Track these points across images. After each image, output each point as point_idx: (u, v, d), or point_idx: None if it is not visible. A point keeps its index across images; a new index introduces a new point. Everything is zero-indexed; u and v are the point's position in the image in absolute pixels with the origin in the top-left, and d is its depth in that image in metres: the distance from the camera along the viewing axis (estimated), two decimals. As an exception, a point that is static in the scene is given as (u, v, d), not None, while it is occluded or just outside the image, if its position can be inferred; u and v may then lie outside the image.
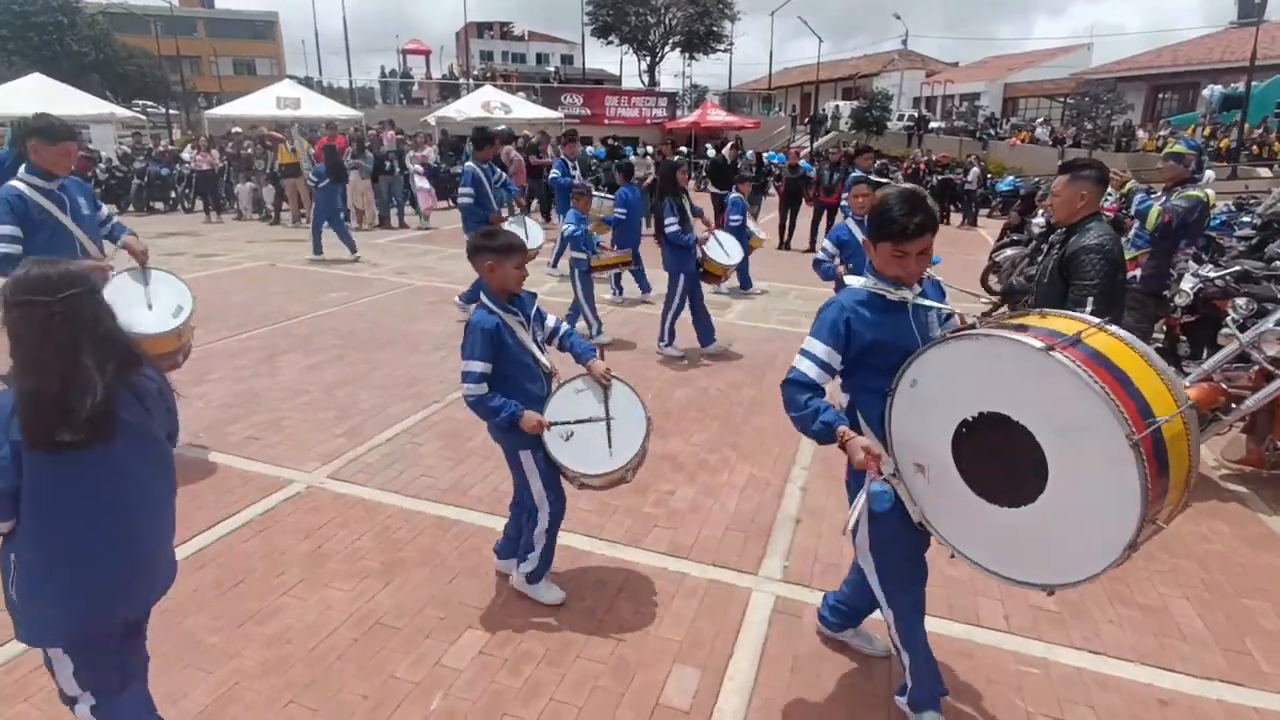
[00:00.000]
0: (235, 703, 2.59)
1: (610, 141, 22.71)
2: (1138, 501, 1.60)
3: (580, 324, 6.93)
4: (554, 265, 10.15)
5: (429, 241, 13.19)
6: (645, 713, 2.59)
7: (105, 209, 4.29)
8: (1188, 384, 4.39)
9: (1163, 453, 1.65)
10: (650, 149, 22.66)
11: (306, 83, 30.76)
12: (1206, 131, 26.38)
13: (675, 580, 3.36)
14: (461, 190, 7.42)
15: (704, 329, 6.74)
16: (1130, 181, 6.40)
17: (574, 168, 10.78)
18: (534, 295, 3.06)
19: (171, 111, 38.90)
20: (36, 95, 19.48)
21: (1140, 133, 30.80)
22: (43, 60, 33.63)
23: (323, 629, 2.98)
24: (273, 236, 13.47)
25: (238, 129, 19.28)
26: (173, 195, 17.16)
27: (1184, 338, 5.60)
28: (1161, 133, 28.03)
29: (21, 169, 3.78)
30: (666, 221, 6.35)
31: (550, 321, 3.11)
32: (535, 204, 15.07)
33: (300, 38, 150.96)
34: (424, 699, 2.63)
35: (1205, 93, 29.67)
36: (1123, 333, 1.83)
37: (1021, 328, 1.85)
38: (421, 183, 14.69)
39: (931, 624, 3.09)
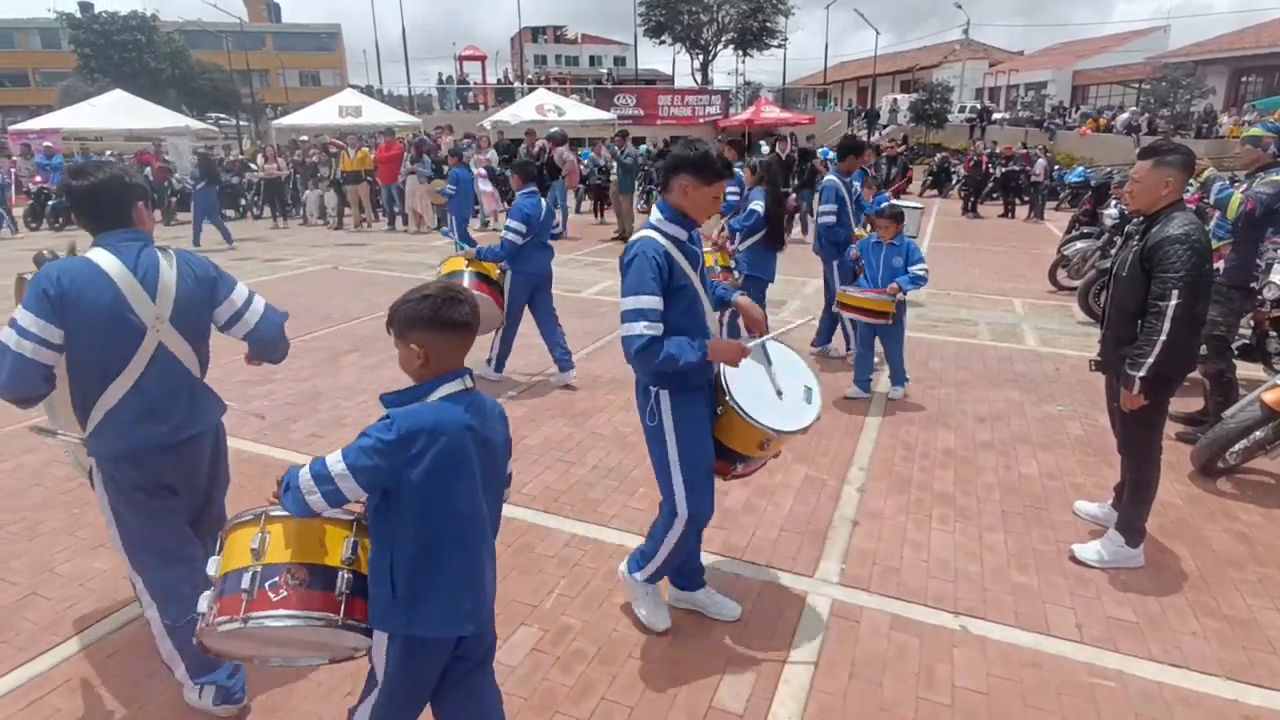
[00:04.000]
0: (296, 693, 2.65)
1: (665, 142, 22.67)
2: None
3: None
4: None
5: (483, 244, 13.35)
6: (697, 715, 2.55)
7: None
8: (1278, 383, 4.12)
9: None
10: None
11: (368, 91, 31.74)
12: (1295, 114, 24.87)
13: (729, 581, 3.30)
14: (823, 208, 6.28)
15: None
16: (1208, 169, 6.04)
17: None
18: None
19: (242, 123, 40.54)
20: (117, 110, 20.64)
21: (1224, 118, 29.23)
22: (123, 76, 35.61)
23: (380, 623, 3.02)
24: (336, 241, 13.88)
25: (304, 137, 19.96)
26: (242, 203, 17.86)
27: (1273, 333, 5.28)
28: (1246, 117, 26.53)
29: (657, 215, 2.70)
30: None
31: None
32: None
33: (361, 48, 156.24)
34: (477, 695, 2.64)
35: (1293, 74, 27.96)
36: None
37: None
38: (485, 185, 14.74)
39: (997, 632, 2.99)
